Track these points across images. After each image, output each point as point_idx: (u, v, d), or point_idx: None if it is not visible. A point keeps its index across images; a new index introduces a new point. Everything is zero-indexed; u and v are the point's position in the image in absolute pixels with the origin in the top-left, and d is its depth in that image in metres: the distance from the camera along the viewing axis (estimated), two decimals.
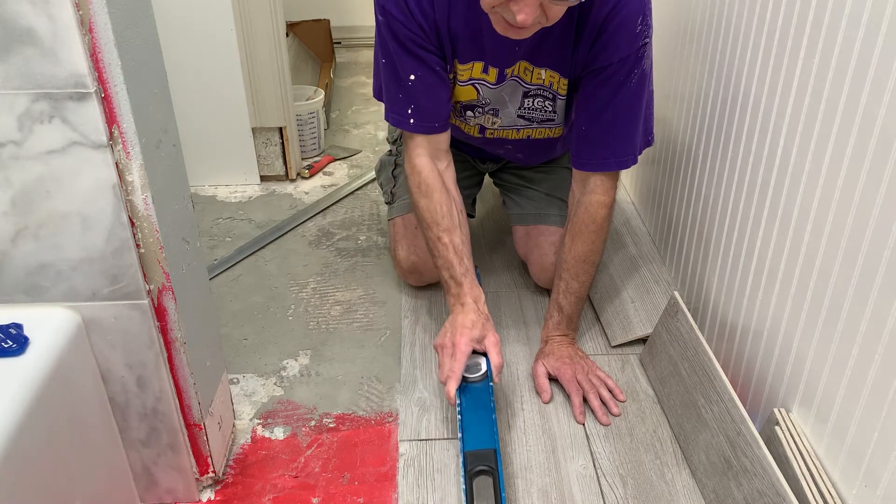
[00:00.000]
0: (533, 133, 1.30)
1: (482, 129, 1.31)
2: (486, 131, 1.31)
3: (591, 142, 1.18)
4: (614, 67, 1.11)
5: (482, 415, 1.07)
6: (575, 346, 1.28)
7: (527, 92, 1.22)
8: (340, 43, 2.85)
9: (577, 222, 1.22)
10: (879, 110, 0.78)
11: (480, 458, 1.00)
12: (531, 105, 1.24)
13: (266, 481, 1.09)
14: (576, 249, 1.23)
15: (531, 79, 1.20)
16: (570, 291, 1.25)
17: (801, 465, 0.90)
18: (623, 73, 1.11)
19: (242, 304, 1.47)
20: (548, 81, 1.20)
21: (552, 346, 1.26)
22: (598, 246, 1.23)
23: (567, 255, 1.24)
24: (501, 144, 1.37)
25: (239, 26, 1.70)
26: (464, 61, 1.17)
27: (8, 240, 0.81)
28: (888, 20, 0.76)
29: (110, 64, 0.74)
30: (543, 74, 1.19)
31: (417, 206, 1.21)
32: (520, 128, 1.29)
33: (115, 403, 0.94)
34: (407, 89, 1.16)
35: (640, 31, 1.09)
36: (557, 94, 1.21)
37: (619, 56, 1.10)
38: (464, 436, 1.04)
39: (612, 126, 1.16)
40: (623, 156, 1.18)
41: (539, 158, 1.45)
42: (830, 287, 0.88)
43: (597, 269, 1.28)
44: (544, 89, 1.21)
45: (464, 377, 1.10)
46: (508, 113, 1.26)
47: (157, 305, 0.88)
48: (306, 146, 2.04)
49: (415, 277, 1.46)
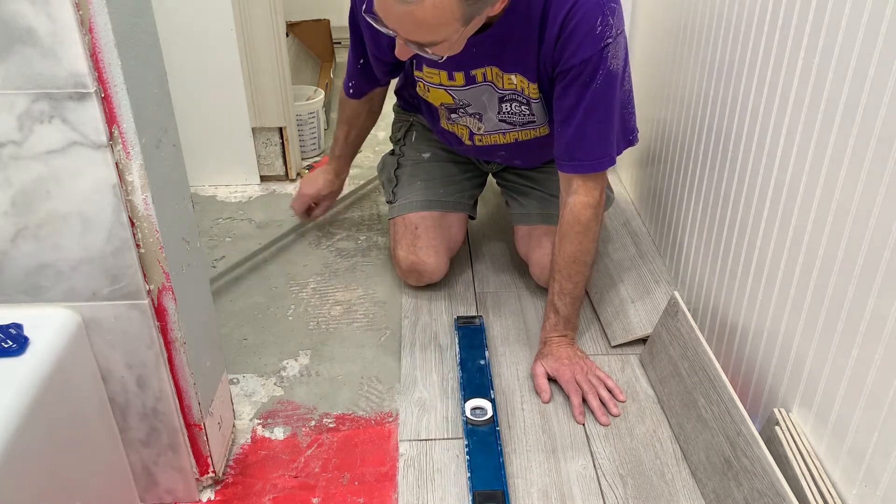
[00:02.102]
0: (520, 135, 1.32)
1: (472, 136, 1.35)
2: (475, 137, 1.35)
3: (567, 144, 1.19)
4: (578, 69, 1.12)
5: (490, 459, 1.08)
6: (574, 347, 1.28)
7: (502, 97, 1.25)
8: (340, 43, 2.85)
9: (563, 224, 1.24)
10: (879, 110, 0.78)
11: (489, 497, 1.03)
12: (509, 109, 1.27)
13: (266, 481, 1.09)
14: (565, 250, 1.24)
15: (503, 84, 1.23)
16: (564, 292, 1.26)
17: (801, 465, 0.90)
18: (587, 74, 1.12)
19: (242, 304, 1.47)
20: (519, 87, 1.22)
21: (551, 347, 1.26)
22: (586, 246, 1.24)
23: (557, 256, 1.25)
24: (495, 151, 1.39)
25: (239, 26, 1.70)
26: (431, 65, 1.24)
27: (8, 240, 0.81)
28: (888, 20, 0.76)
29: (110, 64, 0.74)
30: (514, 79, 1.21)
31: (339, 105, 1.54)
32: (505, 131, 1.32)
33: (115, 403, 0.94)
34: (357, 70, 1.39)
35: (601, 31, 1.10)
36: (531, 99, 1.23)
37: (581, 58, 1.11)
38: (472, 476, 1.06)
39: (583, 128, 1.16)
40: (598, 157, 1.19)
41: (537, 159, 1.46)
42: (830, 287, 0.88)
43: (590, 268, 1.28)
44: (517, 94, 1.24)
45: (470, 420, 1.14)
46: (490, 118, 1.29)
47: (157, 305, 0.88)
48: (306, 146, 2.04)
49: (414, 277, 1.46)
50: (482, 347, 1.31)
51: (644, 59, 1.62)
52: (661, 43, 1.49)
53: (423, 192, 1.47)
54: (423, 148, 1.53)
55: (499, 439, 1.11)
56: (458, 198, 1.49)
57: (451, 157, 1.53)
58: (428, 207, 1.45)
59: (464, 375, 1.24)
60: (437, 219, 1.45)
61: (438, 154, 1.52)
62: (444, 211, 1.46)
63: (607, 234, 1.60)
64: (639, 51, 1.67)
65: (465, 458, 1.09)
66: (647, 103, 1.59)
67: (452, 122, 1.36)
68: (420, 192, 1.47)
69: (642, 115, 1.63)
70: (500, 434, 1.13)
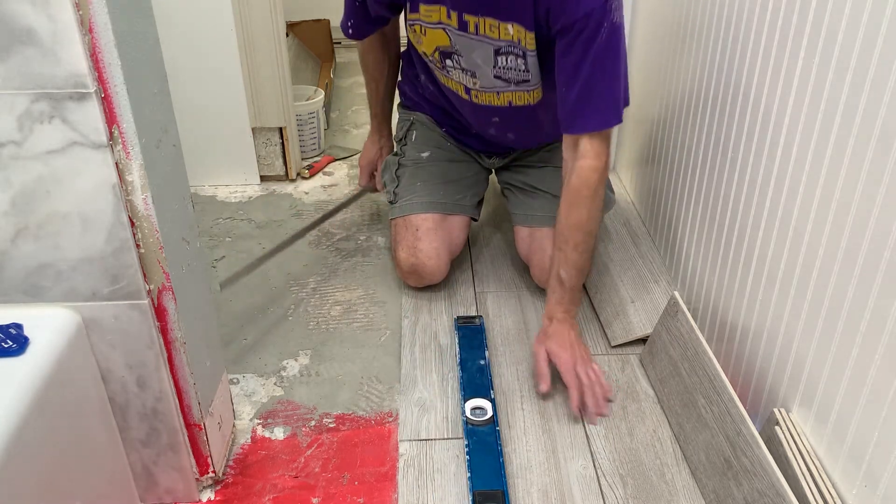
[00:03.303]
0: (514, 98, 1.31)
1: (468, 91, 1.34)
2: (472, 93, 1.33)
3: (574, 103, 1.17)
4: (581, 23, 1.10)
5: (490, 459, 1.08)
6: (576, 331, 1.25)
7: (497, 49, 1.23)
8: (340, 43, 2.85)
9: (571, 189, 1.21)
10: (879, 110, 0.78)
11: (489, 497, 1.02)
12: (504, 64, 1.25)
13: (266, 481, 1.09)
14: (572, 217, 1.21)
15: (499, 34, 1.21)
16: (569, 263, 1.22)
17: (801, 465, 0.90)
18: (591, 28, 1.10)
19: (242, 304, 1.47)
20: (516, 37, 1.20)
21: (555, 327, 1.23)
22: (594, 214, 1.21)
23: (563, 224, 1.22)
24: (489, 116, 1.38)
25: (239, 26, 1.70)
26: (429, 2, 1.24)
27: (8, 240, 0.81)
28: (888, 20, 0.76)
29: (110, 64, 0.74)
30: (511, 29, 1.19)
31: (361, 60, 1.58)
32: (499, 90, 1.30)
33: (115, 403, 0.94)
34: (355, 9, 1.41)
35: None
36: (527, 51, 1.21)
37: (584, 10, 1.09)
38: (472, 476, 1.06)
39: (590, 83, 1.14)
40: (606, 113, 1.17)
41: (530, 137, 1.45)
42: (830, 287, 0.88)
43: (595, 240, 1.25)
44: (513, 45, 1.22)
45: (470, 420, 1.14)
46: (485, 73, 1.28)
47: (157, 305, 0.88)
48: (306, 146, 2.04)
49: (414, 279, 1.46)
50: (482, 347, 1.31)
51: (644, 58, 1.62)
52: (662, 42, 1.49)
53: (424, 194, 1.47)
54: (424, 147, 1.53)
55: (499, 439, 1.11)
56: (459, 200, 1.49)
57: (452, 157, 1.53)
58: (429, 209, 1.45)
59: (464, 375, 1.24)
60: (438, 221, 1.45)
61: (438, 154, 1.52)
62: (446, 213, 1.46)
63: (607, 234, 1.60)
64: (639, 51, 1.67)
65: (465, 458, 1.09)
66: (647, 103, 1.59)
67: (448, 77, 1.34)
68: (421, 193, 1.47)
69: (642, 114, 1.64)
70: (500, 434, 1.13)
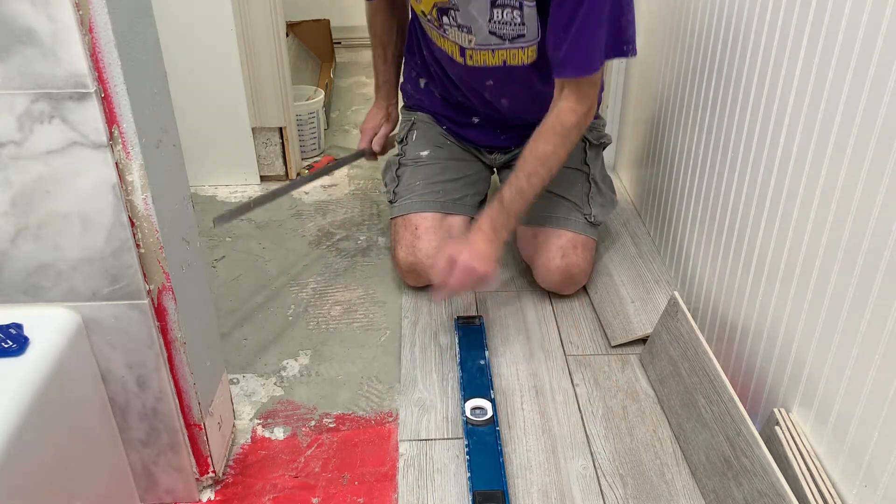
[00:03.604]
0: (508, 57, 1.31)
1: (462, 52, 1.34)
2: (467, 53, 1.34)
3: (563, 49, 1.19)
4: None
5: (490, 459, 1.08)
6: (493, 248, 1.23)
7: (494, 1, 1.24)
8: (340, 43, 2.85)
9: (547, 123, 1.24)
10: (879, 110, 0.78)
11: (489, 497, 1.02)
12: (500, 18, 1.26)
13: (266, 481, 1.09)
14: (537, 148, 1.24)
15: None
16: (517, 187, 1.24)
17: (801, 465, 0.90)
18: None
19: (242, 304, 1.47)
20: None
21: (474, 236, 1.24)
22: (559, 152, 1.24)
23: (528, 152, 1.25)
24: (483, 79, 1.38)
25: (239, 26, 1.70)
26: None
27: (8, 240, 0.81)
28: (888, 20, 0.76)
29: (110, 64, 0.74)
30: None
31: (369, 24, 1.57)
32: (494, 48, 1.31)
33: (115, 403, 0.94)
34: None
35: None
36: (524, 2, 1.23)
37: None
38: (472, 476, 1.06)
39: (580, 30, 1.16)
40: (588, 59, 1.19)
41: (524, 106, 1.44)
42: (830, 287, 0.88)
43: (550, 177, 1.26)
44: None
45: (470, 420, 1.14)
46: (481, 28, 1.28)
47: (157, 305, 0.88)
48: (306, 146, 2.04)
49: (413, 278, 1.46)
50: (482, 347, 1.31)
51: (644, 58, 1.62)
52: (661, 42, 1.49)
53: (423, 193, 1.47)
54: (424, 146, 1.53)
55: (499, 439, 1.11)
56: (459, 199, 1.49)
57: (453, 155, 1.53)
58: (429, 209, 1.45)
59: (464, 375, 1.24)
60: (437, 220, 1.45)
61: (439, 152, 1.52)
62: (445, 213, 1.46)
63: (607, 233, 1.60)
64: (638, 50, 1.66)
65: (464, 458, 1.09)
66: (647, 102, 1.59)
67: (444, 37, 1.34)
68: (421, 192, 1.47)
69: (642, 114, 1.64)
70: (500, 434, 1.13)
